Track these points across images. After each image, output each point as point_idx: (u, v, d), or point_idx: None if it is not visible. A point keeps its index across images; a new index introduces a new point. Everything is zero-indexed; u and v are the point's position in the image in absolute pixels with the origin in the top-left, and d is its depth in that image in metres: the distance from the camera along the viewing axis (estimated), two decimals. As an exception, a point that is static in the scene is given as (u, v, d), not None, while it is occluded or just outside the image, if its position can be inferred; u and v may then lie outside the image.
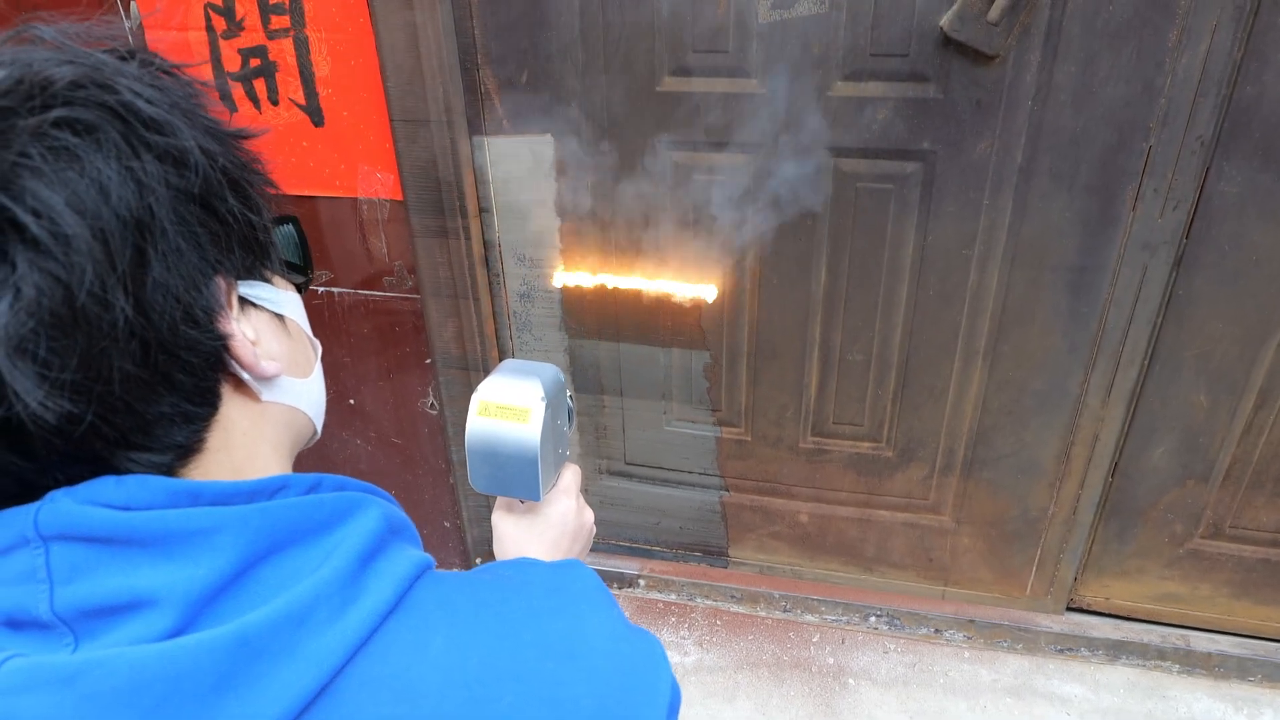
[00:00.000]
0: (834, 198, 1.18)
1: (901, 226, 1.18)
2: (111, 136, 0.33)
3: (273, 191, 0.43)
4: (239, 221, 0.38)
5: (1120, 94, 1.04)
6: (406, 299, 1.35)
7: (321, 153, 1.24)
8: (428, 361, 1.40)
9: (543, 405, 0.59)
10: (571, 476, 0.66)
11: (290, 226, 0.49)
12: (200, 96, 0.39)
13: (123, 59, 0.36)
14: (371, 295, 1.36)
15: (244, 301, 0.40)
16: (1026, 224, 1.14)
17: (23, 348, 0.30)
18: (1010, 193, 1.12)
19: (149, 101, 0.34)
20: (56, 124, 0.32)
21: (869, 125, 1.12)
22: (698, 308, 1.31)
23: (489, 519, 1.52)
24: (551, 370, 0.63)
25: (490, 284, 1.36)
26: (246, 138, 0.41)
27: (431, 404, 1.45)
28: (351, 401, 1.47)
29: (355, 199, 1.27)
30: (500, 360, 1.40)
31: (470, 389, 1.39)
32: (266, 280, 0.42)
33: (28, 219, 0.30)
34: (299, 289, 0.48)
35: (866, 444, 1.37)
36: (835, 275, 1.24)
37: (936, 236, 1.18)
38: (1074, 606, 1.45)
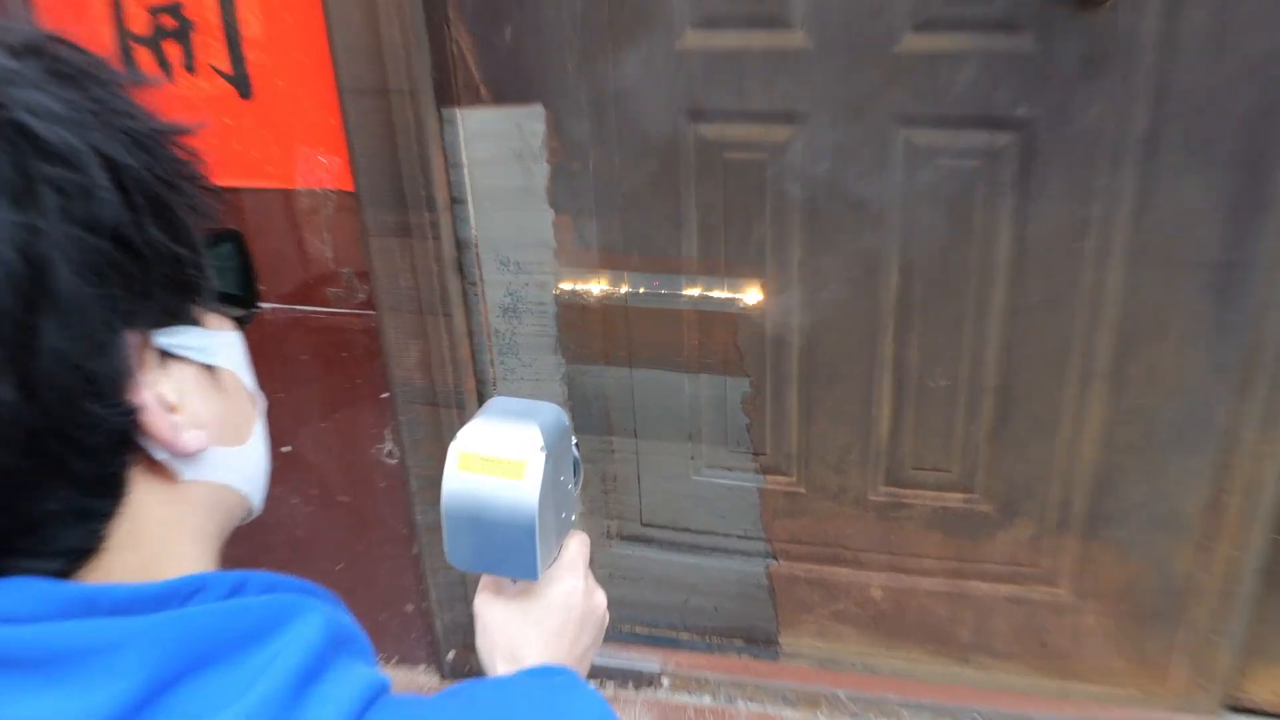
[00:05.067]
0: (906, 180, 1.21)
1: (993, 214, 1.21)
2: (1, 170, 0.34)
3: (215, 203, 0.45)
4: (161, 256, 0.39)
5: (1268, 44, 1.07)
6: (357, 315, 1.38)
7: (250, 132, 1.28)
8: (384, 395, 1.42)
9: (542, 457, 0.60)
10: (578, 548, 0.67)
11: (230, 245, 0.50)
12: (117, 86, 0.40)
13: (16, 54, 0.37)
14: (312, 311, 1.38)
15: (163, 354, 0.41)
16: (1153, 209, 1.16)
17: None
18: (1132, 170, 1.15)
19: (51, 118, 0.35)
20: None
21: (948, 88, 1.15)
22: (733, 322, 1.34)
23: (468, 600, 1.53)
24: (552, 411, 0.64)
25: (465, 295, 1.39)
26: (180, 134, 0.42)
27: (390, 450, 1.46)
28: (287, 448, 1.49)
29: (292, 190, 1.32)
30: (482, 397, 1.48)
31: (439, 430, 1.42)
32: (195, 322, 0.43)
33: None
34: (239, 323, 0.49)
35: (956, 495, 1.39)
36: (909, 278, 1.26)
37: (1038, 226, 1.20)
38: (1235, 705, 1.44)
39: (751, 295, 1.33)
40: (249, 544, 1.65)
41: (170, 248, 0.40)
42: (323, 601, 0.43)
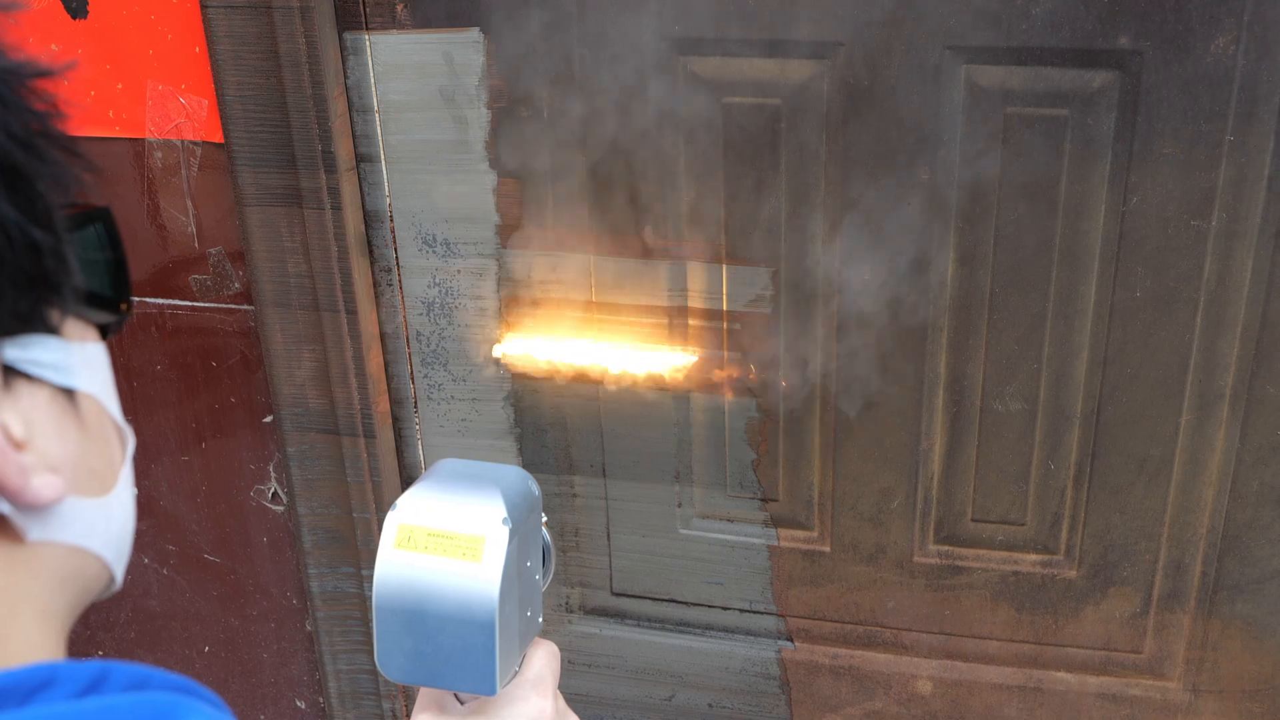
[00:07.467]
0: (966, 133, 1.18)
1: (1084, 180, 1.18)
2: None
3: (80, 170, 0.44)
4: (13, 242, 0.39)
5: None
6: (230, 311, 1.36)
7: (84, 63, 1.26)
8: (267, 420, 1.41)
9: (505, 532, 0.62)
10: (546, 661, 0.69)
11: (98, 228, 0.49)
12: None
13: None
14: (169, 306, 1.37)
15: (9, 371, 0.41)
16: (1300, 174, 1.15)
17: None
18: (1271, 121, 1.12)
19: None
20: None
21: (1024, 9, 1.11)
22: (734, 323, 1.30)
23: (381, 695, 1.52)
24: (518, 477, 0.67)
25: (376, 285, 1.36)
26: (40, 76, 0.41)
27: (274, 493, 1.45)
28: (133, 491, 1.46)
29: (141, 140, 1.30)
30: (398, 420, 1.42)
31: (340, 466, 1.41)
32: (52, 330, 0.43)
33: None
34: (103, 333, 0.49)
35: (1031, 557, 1.36)
36: (971, 265, 1.23)
37: (1146, 198, 1.17)
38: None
39: (760, 287, 1.29)
40: (82, 620, 1.56)
41: (26, 231, 0.40)
42: (204, 702, 0.42)
